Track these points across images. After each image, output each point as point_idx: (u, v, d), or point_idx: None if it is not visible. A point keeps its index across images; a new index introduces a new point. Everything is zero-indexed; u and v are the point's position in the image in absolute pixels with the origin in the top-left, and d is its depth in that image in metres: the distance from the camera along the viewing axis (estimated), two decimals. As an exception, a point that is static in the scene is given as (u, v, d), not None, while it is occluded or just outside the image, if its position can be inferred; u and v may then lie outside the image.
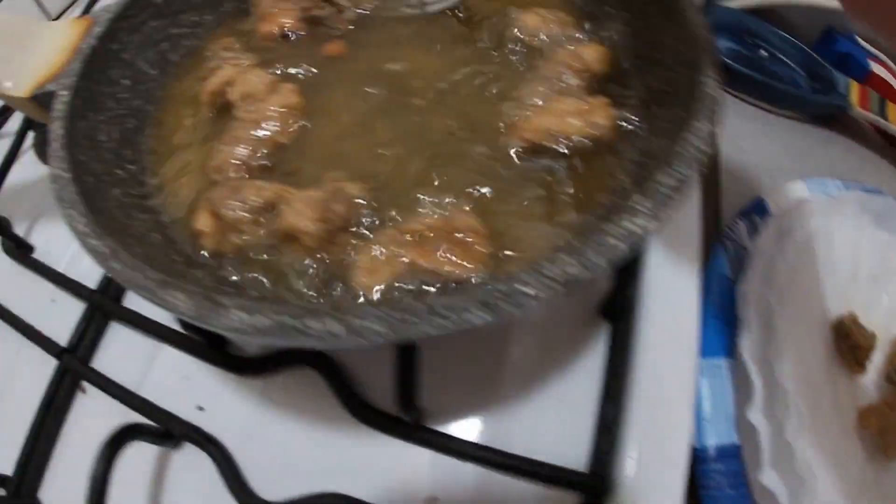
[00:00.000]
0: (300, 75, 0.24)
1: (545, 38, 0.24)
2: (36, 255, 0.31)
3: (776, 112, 0.37)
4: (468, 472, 0.23)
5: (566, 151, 0.21)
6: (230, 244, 0.20)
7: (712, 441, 0.26)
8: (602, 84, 0.23)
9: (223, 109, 0.24)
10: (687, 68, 0.20)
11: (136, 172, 0.23)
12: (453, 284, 0.18)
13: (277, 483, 0.23)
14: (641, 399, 0.23)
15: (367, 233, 0.19)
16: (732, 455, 0.26)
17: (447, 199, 0.19)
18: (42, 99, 0.24)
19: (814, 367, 0.30)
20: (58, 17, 0.46)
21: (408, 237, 0.18)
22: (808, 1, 0.38)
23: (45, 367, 0.28)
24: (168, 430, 0.24)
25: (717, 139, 0.18)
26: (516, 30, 0.24)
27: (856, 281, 0.33)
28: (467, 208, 0.19)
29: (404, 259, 0.18)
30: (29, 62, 0.24)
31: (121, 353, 0.27)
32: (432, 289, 0.18)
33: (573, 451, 0.23)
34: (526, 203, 0.20)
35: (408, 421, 0.22)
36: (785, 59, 0.39)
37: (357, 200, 0.19)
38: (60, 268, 0.30)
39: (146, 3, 0.25)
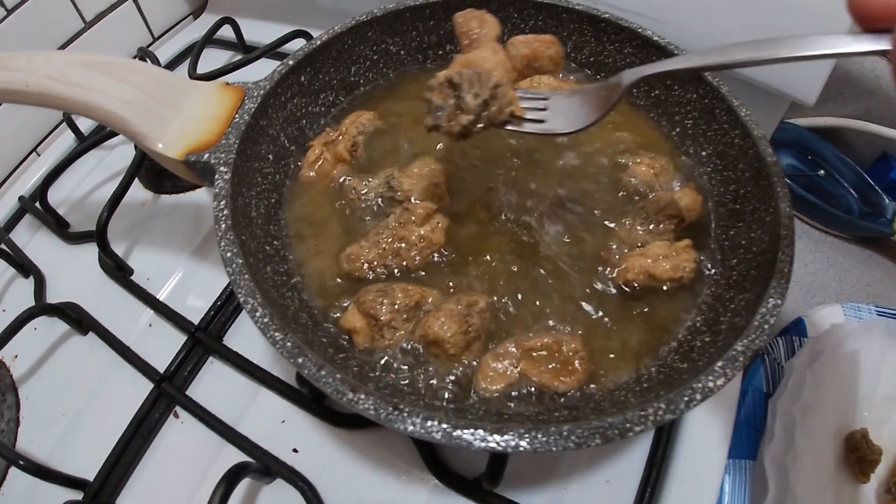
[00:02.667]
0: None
1: (651, 183, 0.31)
2: (134, 278, 0.37)
3: (825, 230, 0.45)
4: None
5: (656, 289, 0.27)
6: (383, 340, 0.26)
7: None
8: (690, 229, 0.30)
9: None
10: (769, 237, 0.26)
11: (279, 248, 0.28)
12: (561, 397, 0.24)
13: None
14: (674, 488, 0.30)
15: (491, 345, 0.25)
16: None
17: (558, 322, 0.26)
18: (194, 165, 0.29)
19: (824, 475, 0.37)
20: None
21: (523, 352, 0.25)
22: (869, 127, 0.45)
23: (139, 387, 0.34)
24: (268, 468, 0.30)
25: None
26: (629, 176, 0.31)
27: (873, 399, 0.40)
28: (578, 332, 0.26)
29: (518, 370, 0.25)
30: (177, 122, 0.29)
31: (218, 387, 0.33)
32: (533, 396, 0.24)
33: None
34: (618, 334, 0.26)
35: (487, 488, 0.29)
36: (841, 179, 0.46)
37: (487, 314, 0.26)
38: (161, 296, 0.36)
39: (293, 81, 0.31)
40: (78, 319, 0.36)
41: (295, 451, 0.31)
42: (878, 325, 0.40)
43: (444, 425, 0.20)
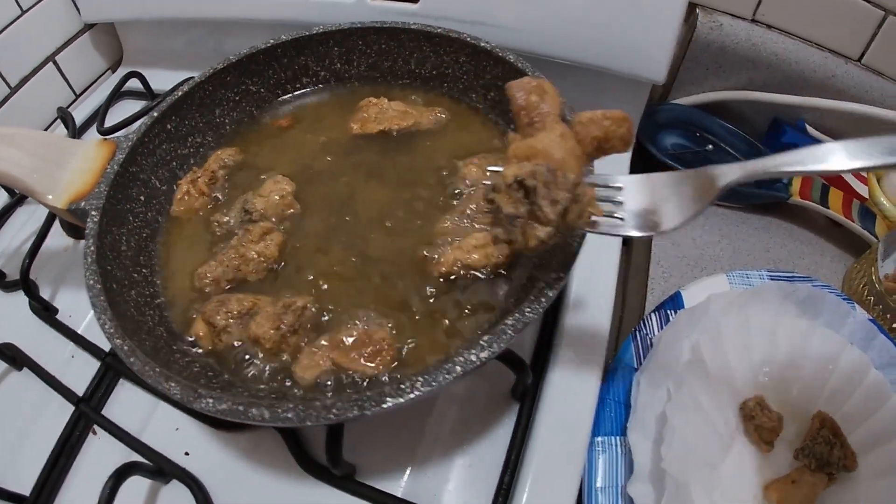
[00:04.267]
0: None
1: (479, 180, 0.35)
2: (59, 316, 0.45)
3: (716, 203, 0.47)
4: (389, 521, 0.34)
5: (475, 278, 0.32)
6: (221, 344, 0.32)
7: (600, 508, 0.36)
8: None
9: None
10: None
11: (147, 275, 0.35)
12: (365, 380, 0.29)
13: (242, 519, 0.35)
14: (535, 470, 0.34)
15: (308, 338, 0.31)
16: None
17: (371, 316, 0.31)
18: (76, 213, 0.36)
19: (710, 450, 0.39)
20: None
21: (336, 343, 0.30)
22: (755, 96, 0.48)
23: (62, 411, 0.41)
24: (161, 469, 0.36)
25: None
26: (459, 178, 0.35)
27: (772, 363, 0.42)
28: (390, 323, 0.31)
29: (331, 359, 0.30)
30: (63, 177, 0.36)
31: (127, 406, 0.40)
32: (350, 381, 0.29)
33: (475, 510, 0.34)
34: (433, 323, 0.31)
35: (338, 474, 0.34)
36: (732, 151, 0.48)
37: (306, 312, 0.31)
38: (80, 329, 0.43)
39: (160, 129, 0.38)
40: (13, 357, 0.43)
41: (187, 454, 0.37)
42: (770, 289, 0.42)
43: (229, 403, 0.25)
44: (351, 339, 0.30)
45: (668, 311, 0.41)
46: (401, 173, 0.36)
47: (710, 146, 0.48)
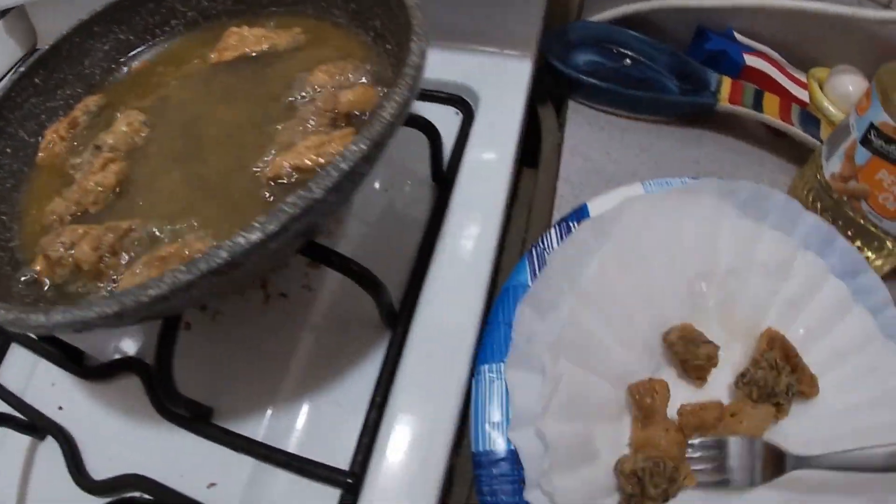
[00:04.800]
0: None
1: (323, 85, 0.32)
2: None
3: (638, 118, 0.42)
4: (245, 464, 0.30)
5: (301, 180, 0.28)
6: (58, 276, 0.30)
7: (490, 447, 0.30)
8: (354, 119, 0.30)
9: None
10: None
11: (6, 221, 0.34)
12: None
13: (106, 466, 0.32)
14: (404, 402, 0.30)
15: (130, 257, 0.28)
16: (508, 461, 0.30)
17: (200, 234, 0.28)
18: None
19: (615, 393, 0.33)
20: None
21: (154, 261, 0.27)
22: (677, 3, 0.43)
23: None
24: (33, 423, 0.34)
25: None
26: (303, 85, 0.33)
27: (712, 276, 0.35)
28: (209, 240, 0.28)
29: (149, 275, 0.27)
30: None
31: (15, 367, 0.38)
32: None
33: (342, 450, 0.30)
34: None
35: (196, 415, 0.31)
36: (652, 64, 0.43)
37: (130, 233, 0.29)
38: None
39: (28, 83, 0.37)
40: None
41: (60, 408, 0.35)
42: (705, 187, 0.35)
43: (15, 313, 0.23)
44: (171, 253, 0.27)
45: (572, 224, 0.35)
46: (250, 93, 0.34)
47: (629, 61, 0.43)
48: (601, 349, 0.32)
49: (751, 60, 0.42)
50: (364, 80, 0.33)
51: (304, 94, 0.32)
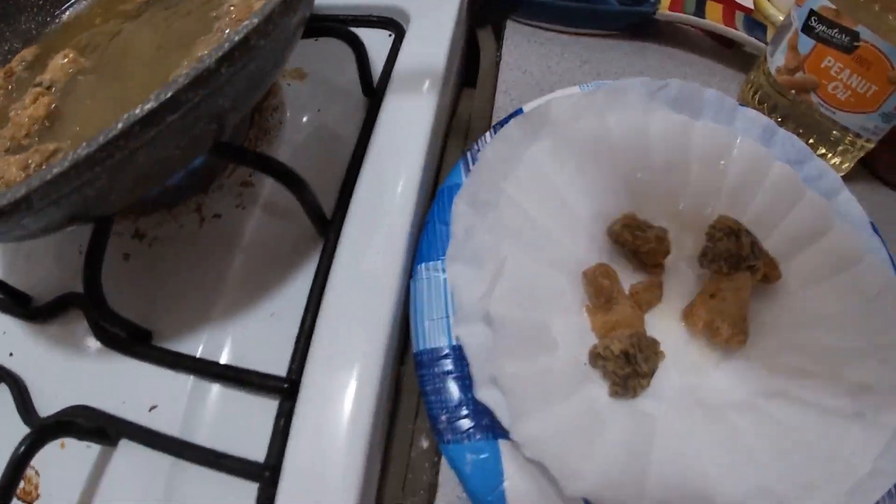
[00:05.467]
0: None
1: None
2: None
3: (578, 33, 0.40)
4: (186, 383, 0.29)
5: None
6: None
7: (431, 344, 0.29)
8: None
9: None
10: None
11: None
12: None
13: (53, 404, 0.31)
14: (336, 305, 0.28)
15: None
16: (450, 357, 0.28)
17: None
18: None
19: (576, 276, 0.32)
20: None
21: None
22: None
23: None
24: (-18, 371, 0.33)
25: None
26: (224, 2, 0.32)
27: (651, 171, 0.34)
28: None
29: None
30: None
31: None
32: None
33: (281, 360, 0.28)
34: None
35: (134, 338, 0.30)
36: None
37: (56, 154, 0.28)
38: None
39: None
40: None
41: (11, 354, 0.34)
42: (632, 86, 0.34)
43: None
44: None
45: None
46: (174, 20, 0.33)
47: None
48: (546, 239, 0.31)
49: (689, -37, 0.40)
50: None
51: (223, 9, 0.31)
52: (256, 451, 0.26)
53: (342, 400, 0.25)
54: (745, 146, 0.34)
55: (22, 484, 0.30)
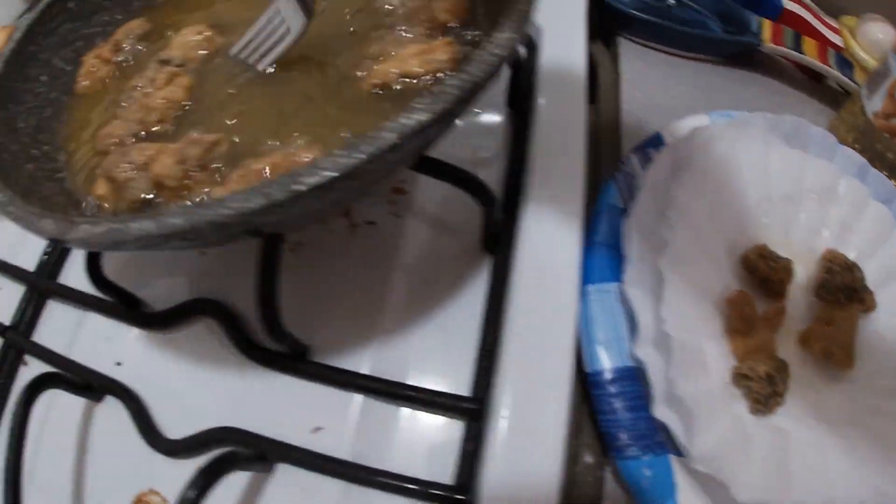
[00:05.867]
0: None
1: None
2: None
3: (687, 56, 0.42)
4: (353, 402, 0.27)
5: (415, 87, 0.26)
6: (125, 201, 0.26)
7: (606, 365, 0.29)
8: (452, 29, 0.28)
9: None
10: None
11: (48, 151, 0.29)
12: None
13: (183, 425, 0.28)
14: (521, 324, 0.28)
15: (220, 171, 0.25)
16: (628, 378, 0.29)
17: (299, 143, 0.25)
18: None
19: (714, 302, 0.33)
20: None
21: (251, 174, 0.24)
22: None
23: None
24: (88, 383, 0.30)
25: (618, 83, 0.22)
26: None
27: (770, 202, 0.36)
28: (318, 148, 0.25)
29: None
30: None
31: (56, 325, 0.33)
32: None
33: (457, 378, 0.27)
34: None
35: (292, 353, 0.27)
36: (695, 5, 0.43)
37: (217, 147, 0.25)
38: (4, 256, 0.37)
39: (61, 9, 0.32)
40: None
41: (118, 364, 0.30)
42: (756, 119, 0.36)
43: (107, 225, 0.19)
44: (274, 163, 0.24)
45: (649, 151, 0.35)
46: (321, 8, 0.31)
47: (673, 0, 0.43)
48: (695, 266, 0.32)
49: (788, 5, 0.43)
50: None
51: (392, 3, 0.29)
52: (436, 473, 0.25)
53: (538, 423, 0.25)
54: (849, 184, 0.37)
55: (144, 510, 0.27)
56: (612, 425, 0.28)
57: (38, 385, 0.27)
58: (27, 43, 0.31)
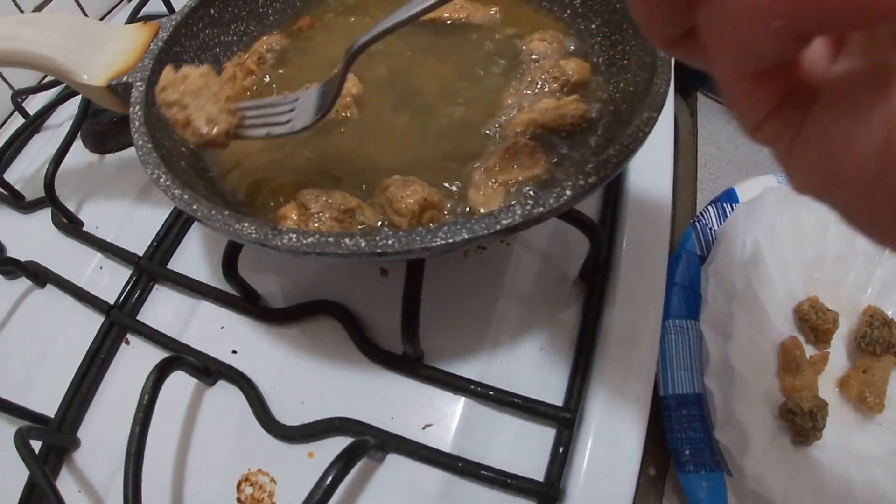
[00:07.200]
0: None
1: (543, 53, 0.32)
2: (85, 228, 0.39)
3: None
4: (459, 404, 0.29)
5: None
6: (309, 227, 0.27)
7: (677, 391, 0.32)
8: (578, 87, 0.31)
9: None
10: (650, 73, 0.27)
11: (195, 150, 0.31)
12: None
13: (297, 413, 0.30)
14: (610, 348, 0.30)
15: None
16: (695, 403, 0.32)
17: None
18: (116, 89, 0.32)
19: (767, 346, 0.36)
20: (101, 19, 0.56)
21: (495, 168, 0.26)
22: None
23: (93, 323, 0.35)
24: (206, 367, 0.31)
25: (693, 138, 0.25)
26: (525, 53, 0.33)
27: (824, 260, 0.40)
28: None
29: (505, 181, 0.26)
30: (102, 58, 0.33)
31: (164, 309, 0.35)
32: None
33: (551, 390, 0.30)
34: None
35: (410, 357, 0.29)
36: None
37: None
38: (109, 239, 0.38)
39: (204, 13, 0.34)
40: (35, 273, 0.38)
41: (234, 352, 0.32)
42: None
43: (316, 237, 0.21)
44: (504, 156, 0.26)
45: (724, 205, 0.38)
46: (459, 50, 0.33)
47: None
48: (761, 314, 0.35)
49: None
50: (573, 54, 0.33)
51: (534, 57, 0.32)
52: (529, 471, 0.28)
53: (620, 435, 0.28)
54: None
55: (251, 491, 0.29)
56: (679, 443, 0.32)
57: (167, 365, 0.29)
58: (173, 43, 0.33)
